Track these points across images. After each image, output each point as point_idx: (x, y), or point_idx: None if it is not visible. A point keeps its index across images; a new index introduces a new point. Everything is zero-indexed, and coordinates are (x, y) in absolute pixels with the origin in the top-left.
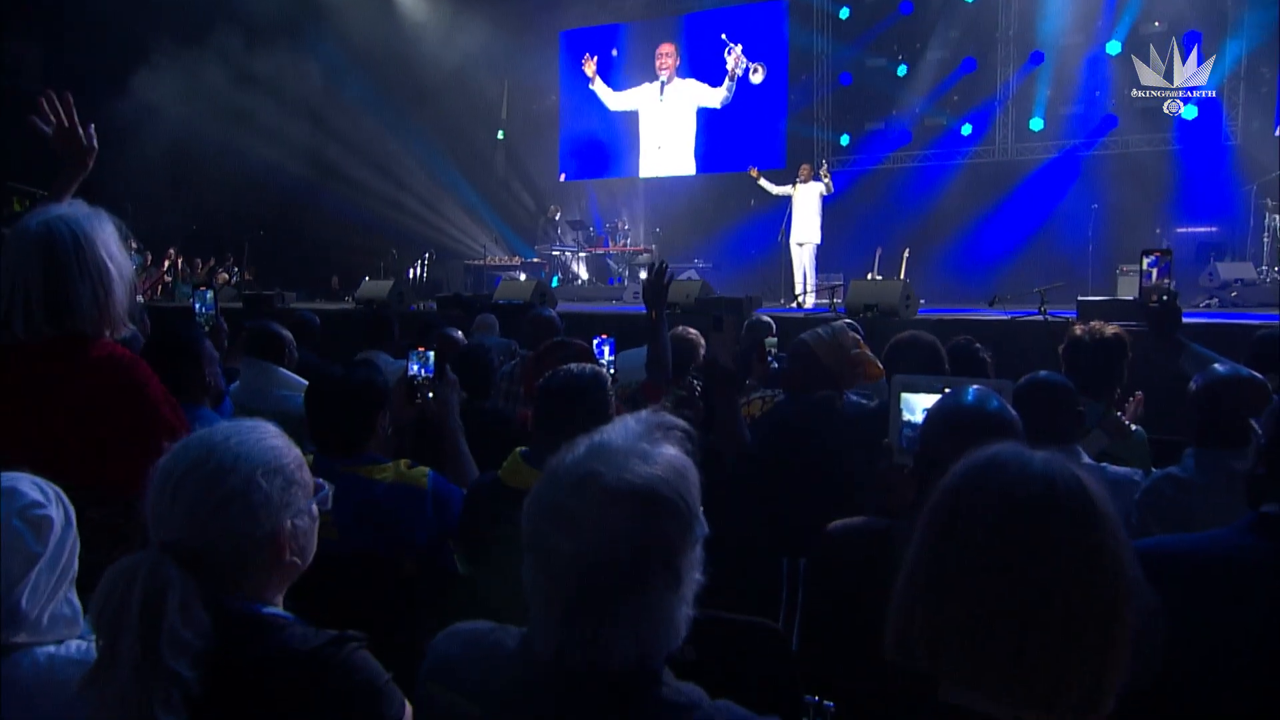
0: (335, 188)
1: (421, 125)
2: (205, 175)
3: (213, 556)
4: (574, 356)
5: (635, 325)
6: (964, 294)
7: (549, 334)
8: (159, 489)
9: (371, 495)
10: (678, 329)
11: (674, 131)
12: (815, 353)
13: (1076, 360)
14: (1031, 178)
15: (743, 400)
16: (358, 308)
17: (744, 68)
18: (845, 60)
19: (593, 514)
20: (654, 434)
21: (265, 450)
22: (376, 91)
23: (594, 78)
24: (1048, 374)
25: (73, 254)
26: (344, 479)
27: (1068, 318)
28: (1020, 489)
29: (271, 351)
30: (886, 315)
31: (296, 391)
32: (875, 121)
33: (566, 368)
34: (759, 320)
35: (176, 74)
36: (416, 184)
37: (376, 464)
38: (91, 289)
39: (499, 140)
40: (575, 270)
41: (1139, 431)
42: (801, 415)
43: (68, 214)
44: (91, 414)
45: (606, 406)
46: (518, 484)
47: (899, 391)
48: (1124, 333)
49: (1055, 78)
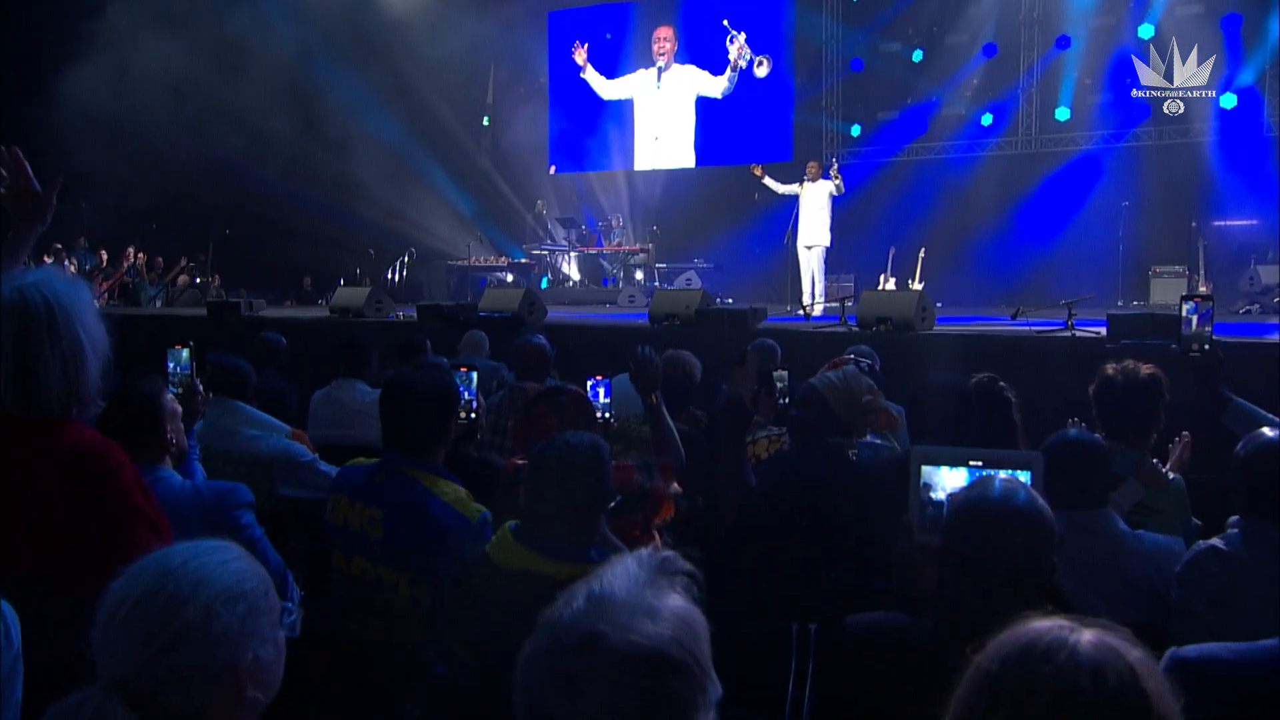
0: (308, 181)
1: (400, 113)
2: (168, 168)
3: (166, 696)
4: (569, 406)
5: (632, 337)
6: (984, 298)
7: (539, 363)
8: (108, 619)
9: (427, 508)
10: (670, 353)
11: (672, 121)
12: (826, 399)
13: (1108, 403)
14: (1057, 172)
15: (747, 439)
16: (332, 316)
17: (748, 59)
18: (856, 45)
19: (598, 681)
20: (658, 581)
21: (227, 575)
22: (351, 76)
23: (585, 66)
24: (1077, 433)
25: (46, 326)
26: (406, 481)
27: (1097, 330)
28: (1066, 684)
29: (232, 386)
30: (901, 329)
31: (265, 431)
32: (889, 111)
33: (563, 438)
34: (764, 345)
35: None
36: (395, 177)
37: (440, 477)
38: (62, 365)
39: (484, 127)
40: (566, 271)
41: (1177, 480)
42: (810, 465)
43: (44, 281)
44: (58, 502)
45: (605, 482)
46: (508, 563)
47: (919, 464)
48: (1160, 373)
49: (1083, 64)
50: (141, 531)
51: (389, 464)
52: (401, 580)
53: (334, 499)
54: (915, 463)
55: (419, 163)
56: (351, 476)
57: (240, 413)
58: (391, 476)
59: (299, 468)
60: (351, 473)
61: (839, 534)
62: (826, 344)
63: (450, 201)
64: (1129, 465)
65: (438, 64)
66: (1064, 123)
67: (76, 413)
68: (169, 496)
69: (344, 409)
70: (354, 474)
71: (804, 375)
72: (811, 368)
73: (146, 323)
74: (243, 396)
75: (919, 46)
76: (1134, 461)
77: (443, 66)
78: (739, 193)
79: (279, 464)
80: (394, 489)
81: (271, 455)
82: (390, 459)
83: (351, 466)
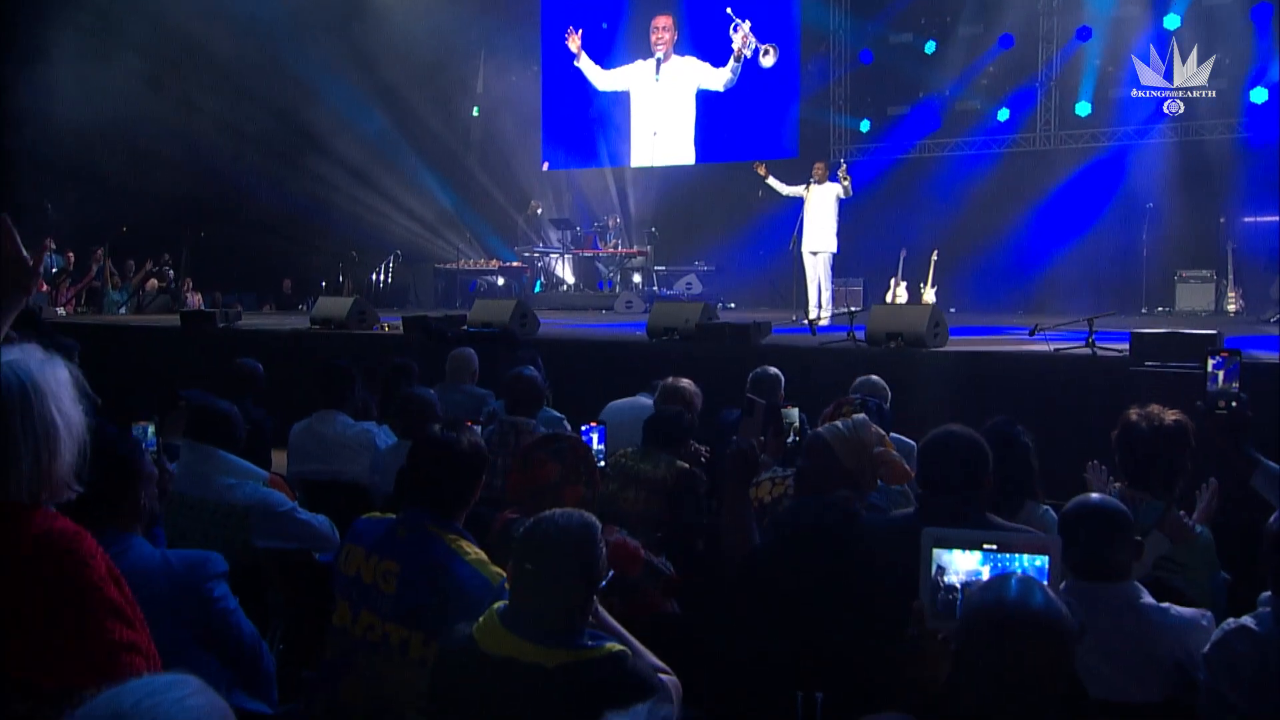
0: (287, 179)
1: (385, 105)
2: (138, 166)
3: None
4: (569, 453)
5: (628, 352)
6: (1000, 304)
7: (531, 397)
8: None
9: (449, 566)
10: (669, 383)
11: (671, 116)
12: (834, 450)
13: (1132, 451)
14: (1078, 170)
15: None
16: (313, 329)
17: (753, 48)
18: (866, 36)
19: None
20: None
21: (184, 715)
22: (332, 67)
23: (579, 54)
24: (1099, 499)
25: (18, 408)
26: (428, 538)
27: (1119, 347)
28: None
29: (216, 436)
30: (912, 345)
31: (243, 479)
32: (899, 105)
33: (551, 517)
34: (766, 375)
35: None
36: (380, 174)
37: (462, 538)
38: (34, 450)
39: (474, 118)
40: (560, 274)
41: (1204, 533)
42: (816, 521)
43: (18, 361)
44: (25, 594)
45: (597, 564)
46: (495, 649)
47: (930, 547)
48: (1186, 420)
49: (1105, 56)
50: (113, 625)
51: (411, 520)
52: (414, 639)
53: (348, 550)
54: (927, 545)
55: (405, 158)
56: (369, 529)
57: (218, 460)
58: (414, 532)
59: (276, 518)
60: (369, 525)
61: (846, 595)
62: (834, 365)
63: (438, 200)
64: (1153, 517)
65: (425, 52)
66: (1085, 118)
67: (48, 499)
68: (138, 567)
69: (326, 442)
70: (372, 527)
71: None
72: (817, 390)
73: (115, 335)
74: (227, 445)
75: (932, 37)
76: (1158, 513)
77: (430, 55)
78: (741, 192)
79: (255, 514)
80: (415, 545)
81: (247, 505)
82: (413, 516)
83: (369, 519)
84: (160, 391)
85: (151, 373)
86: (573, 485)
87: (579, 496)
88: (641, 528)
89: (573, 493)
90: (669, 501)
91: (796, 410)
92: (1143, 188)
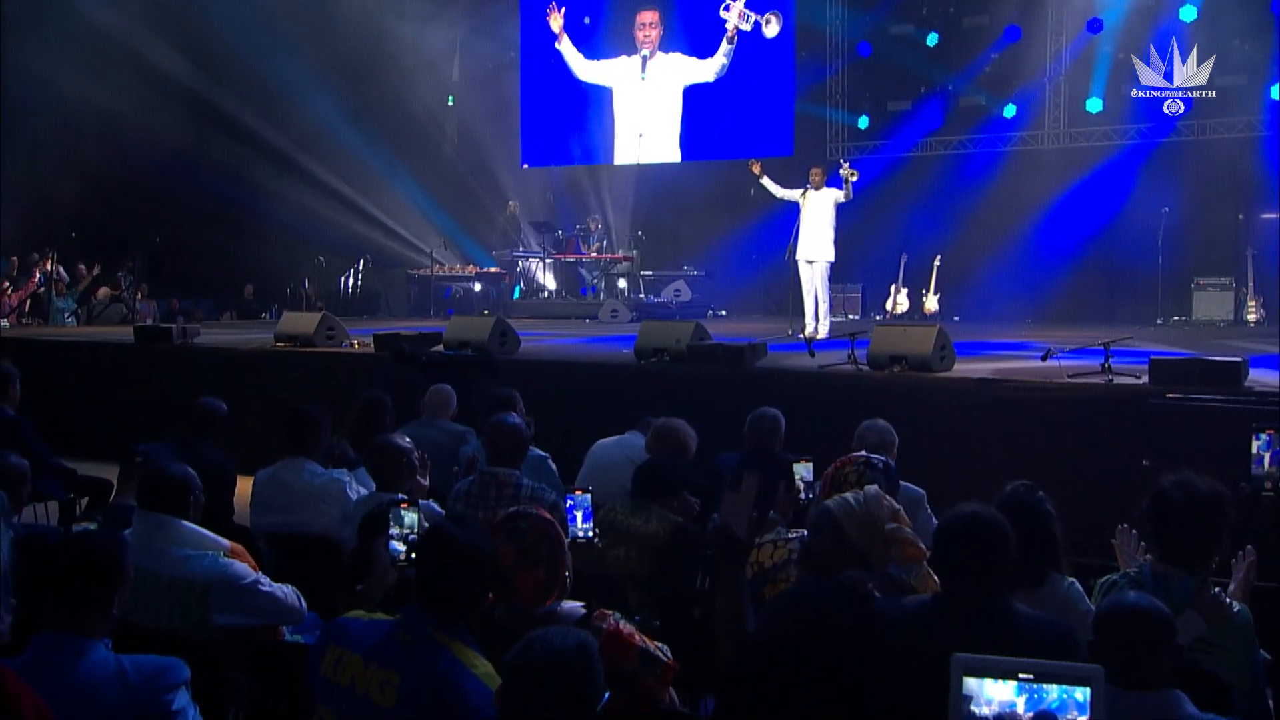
0: (249, 177)
1: (355, 102)
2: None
3: None
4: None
5: (615, 377)
6: (1007, 313)
7: (514, 446)
8: None
9: (455, 680)
10: (663, 422)
11: (656, 115)
12: (842, 526)
13: (1165, 524)
14: (1089, 171)
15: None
16: (277, 347)
17: (752, 22)
18: (864, 27)
19: None
20: None
21: None
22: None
23: (560, 36)
24: (1136, 597)
25: None
26: (433, 646)
27: (1138, 370)
28: None
29: (171, 503)
30: (917, 369)
31: (200, 550)
32: (900, 101)
33: (545, 639)
34: (765, 417)
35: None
36: (348, 173)
37: (469, 647)
38: None
39: (449, 107)
40: (541, 280)
41: (1242, 611)
42: (822, 606)
43: None
44: None
45: (595, 688)
46: None
47: (960, 674)
48: (1223, 490)
49: (1117, 50)
50: None
51: (413, 623)
52: None
53: (337, 655)
54: (956, 673)
55: (375, 155)
56: (362, 633)
57: (174, 531)
58: (417, 638)
59: (238, 592)
60: (363, 629)
61: (856, 692)
62: (834, 396)
63: (411, 200)
64: (1186, 594)
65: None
66: (1096, 115)
67: None
68: (93, 679)
69: (292, 493)
70: (365, 630)
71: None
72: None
73: (62, 353)
74: (183, 513)
75: (934, 29)
76: (1192, 590)
77: (402, 47)
78: (733, 193)
79: (215, 589)
80: (419, 653)
81: (206, 580)
82: (416, 618)
83: (358, 621)
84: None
85: (103, 398)
86: (528, 569)
87: (537, 581)
88: (632, 588)
89: (528, 578)
90: (661, 560)
91: (811, 465)
92: (1157, 189)
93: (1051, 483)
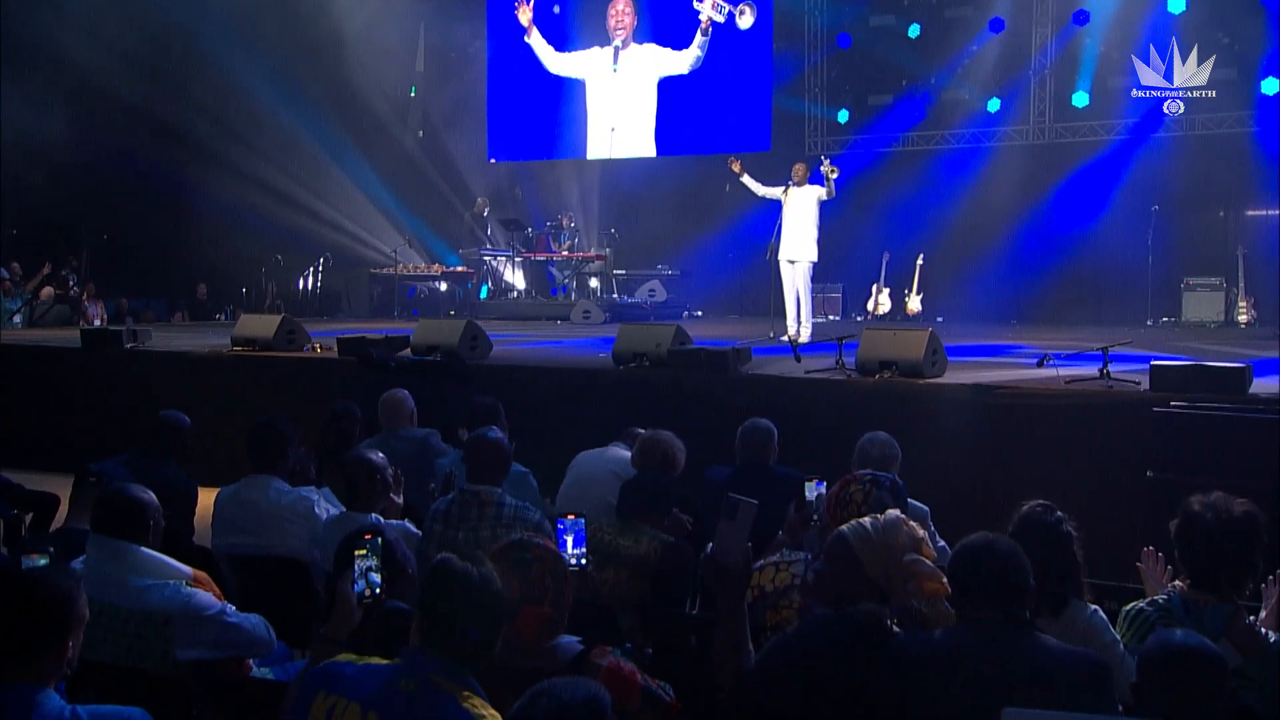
0: (202, 173)
1: (313, 91)
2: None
3: None
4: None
5: (593, 383)
6: (992, 313)
7: (495, 463)
8: None
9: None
10: (649, 434)
11: (630, 108)
12: (857, 555)
13: (1195, 548)
14: (1076, 167)
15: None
16: (234, 351)
17: (725, 13)
18: (844, 18)
19: None
20: None
21: None
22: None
23: (530, 29)
24: (1184, 635)
25: None
26: (439, 696)
27: (1137, 374)
28: None
29: (129, 528)
30: (908, 375)
31: (163, 579)
32: (881, 95)
33: (553, 693)
34: (758, 429)
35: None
36: (306, 167)
37: (475, 694)
38: None
39: (412, 98)
40: (509, 279)
41: (1278, 642)
42: (834, 642)
43: None
44: None
45: None
46: None
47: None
48: (1256, 511)
49: (1105, 43)
50: None
51: (416, 669)
52: None
53: (327, 700)
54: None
55: (335, 147)
56: (358, 680)
57: (132, 558)
58: (422, 687)
59: (203, 624)
60: (358, 675)
61: None
62: (825, 403)
63: (373, 195)
64: (1220, 623)
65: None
66: (1083, 110)
67: None
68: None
69: (257, 512)
70: (361, 675)
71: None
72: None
73: (4, 358)
74: (142, 539)
75: (916, 20)
76: (1225, 618)
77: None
78: (710, 189)
79: (178, 621)
80: (424, 703)
81: (169, 611)
82: (418, 664)
83: (352, 665)
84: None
85: (49, 406)
86: (533, 606)
87: (542, 619)
88: (623, 612)
89: (533, 615)
90: (653, 582)
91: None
92: (1147, 186)
93: (1051, 495)
